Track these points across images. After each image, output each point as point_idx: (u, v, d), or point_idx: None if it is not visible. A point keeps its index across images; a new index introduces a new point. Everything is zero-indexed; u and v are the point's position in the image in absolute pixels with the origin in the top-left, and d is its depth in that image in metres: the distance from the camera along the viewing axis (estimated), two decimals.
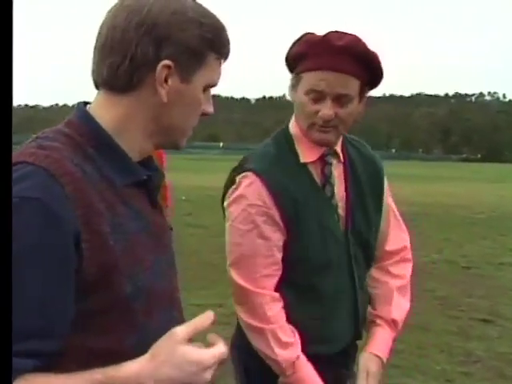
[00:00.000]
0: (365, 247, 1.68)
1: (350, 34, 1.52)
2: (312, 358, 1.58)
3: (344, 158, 1.65)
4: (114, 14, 0.98)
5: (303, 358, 1.56)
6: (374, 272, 1.77)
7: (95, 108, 1.01)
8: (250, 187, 1.54)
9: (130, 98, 0.99)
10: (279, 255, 1.57)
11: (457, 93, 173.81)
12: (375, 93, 1.70)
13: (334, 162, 1.63)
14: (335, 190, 1.62)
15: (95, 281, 0.91)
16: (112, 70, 0.97)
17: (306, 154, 1.60)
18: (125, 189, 0.99)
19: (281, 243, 1.56)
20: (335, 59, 1.48)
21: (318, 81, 1.50)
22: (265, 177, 1.54)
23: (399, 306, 1.74)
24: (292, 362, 1.55)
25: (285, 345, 1.55)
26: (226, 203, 1.60)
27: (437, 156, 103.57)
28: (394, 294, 1.74)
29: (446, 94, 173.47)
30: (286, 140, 1.62)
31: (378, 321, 1.72)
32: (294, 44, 1.57)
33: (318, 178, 1.61)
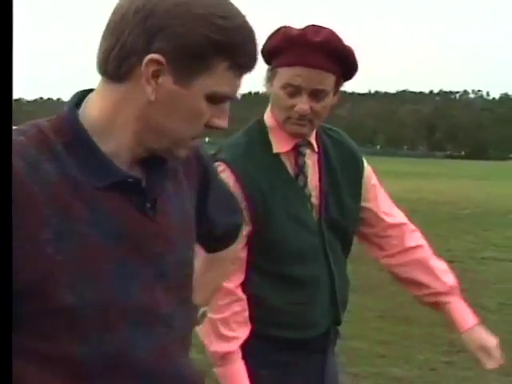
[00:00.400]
0: (341, 235, 1.69)
1: (326, 29, 1.53)
2: (290, 342, 1.60)
3: (318, 147, 1.66)
4: None
5: (237, 355, 1.56)
6: (399, 258, 1.75)
7: (93, 94, 0.94)
8: (222, 175, 1.50)
9: (119, 88, 0.90)
10: (243, 249, 1.55)
11: (441, 90, 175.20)
12: (361, 89, 1.75)
13: (308, 152, 1.64)
14: (308, 180, 1.63)
15: (30, 288, 0.85)
16: (105, 54, 0.90)
17: (279, 145, 1.61)
18: (97, 191, 0.90)
19: (244, 233, 1.50)
20: (312, 55, 1.49)
21: (295, 76, 1.51)
22: (233, 166, 1.55)
23: (443, 272, 1.75)
24: (221, 356, 1.56)
25: (221, 337, 1.55)
26: None
27: (422, 153, 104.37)
28: (433, 265, 1.75)
29: (431, 92, 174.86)
30: (259, 131, 1.64)
31: (442, 298, 1.73)
32: (271, 37, 1.56)
33: (291, 169, 1.62)
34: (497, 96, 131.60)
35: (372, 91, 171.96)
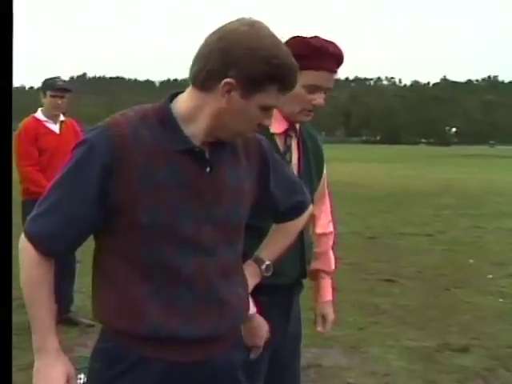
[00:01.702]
0: None
1: (332, 41, 1.93)
2: (264, 288, 1.81)
3: (299, 132, 2.03)
4: (213, 35, 1.35)
5: None
6: (318, 229, 2.16)
7: (184, 95, 1.40)
8: None
9: (203, 95, 1.35)
10: None
11: (356, 77, 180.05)
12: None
13: (293, 135, 2.00)
14: (292, 158, 1.99)
15: (120, 205, 1.32)
16: (196, 72, 1.35)
17: (275, 126, 1.88)
18: (174, 153, 1.34)
19: None
20: (332, 63, 1.91)
21: (320, 79, 1.91)
22: None
23: (332, 259, 2.23)
24: None
25: None
26: None
27: (339, 138, 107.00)
28: (330, 250, 2.22)
29: (347, 78, 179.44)
30: None
31: (322, 274, 2.18)
32: (292, 44, 1.73)
33: (280, 146, 1.96)
34: (408, 83, 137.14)
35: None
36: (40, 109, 4.42)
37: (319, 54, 1.89)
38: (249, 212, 1.50)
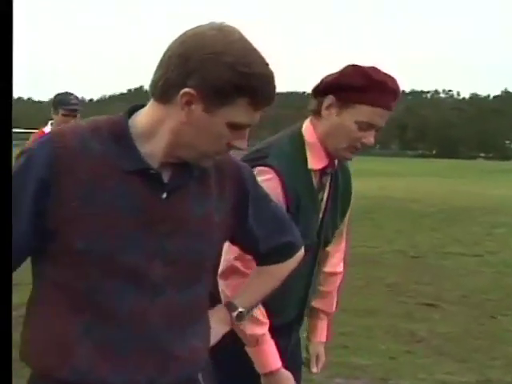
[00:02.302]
0: (325, 244, 1.90)
1: (391, 76, 1.73)
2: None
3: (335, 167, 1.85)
4: (176, 39, 1.16)
5: (268, 336, 1.73)
6: (327, 268, 2.01)
7: (145, 109, 1.21)
8: (270, 182, 1.65)
9: (162, 108, 1.16)
10: None
11: (413, 90, 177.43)
12: None
13: (330, 172, 1.83)
14: (324, 196, 1.83)
15: (56, 226, 1.13)
16: (154, 82, 1.17)
17: (314, 162, 1.77)
18: (126, 174, 1.15)
19: None
20: (391, 100, 1.70)
21: (375, 116, 1.70)
22: (283, 177, 1.68)
23: (335, 300, 2.08)
24: (257, 338, 1.71)
25: (256, 322, 1.69)
26: None
27: (393, 151, 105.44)
28: (335, 291, 2.06)
29: (403, 91, 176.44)
30: (300, 143, 1.78)
31: (322, 314, 2.04)
32: (347, 74, 1.71)
33: (315, 183, 1.79)
34: (467, 96, 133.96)
35: None
36: (50, 123, 4.31)
37: (379, 89, 1.68)
38: (220, 249, 1.37)
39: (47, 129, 4.28)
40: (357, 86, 1.68)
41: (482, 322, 5.22)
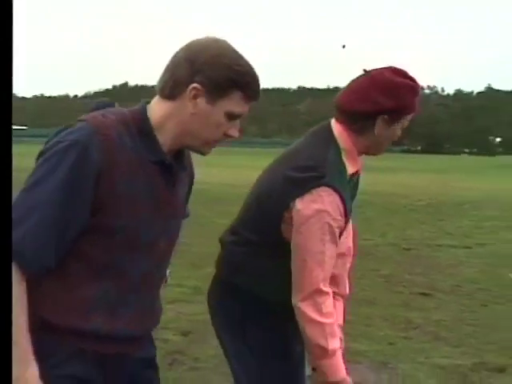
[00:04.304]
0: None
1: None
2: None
3: None
4: (180, 50, 1.42)
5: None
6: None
7: (152, 105, 1.44)
8: (334, 201, 1.77)
9: (171, 103, 1.40)
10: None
11: None
12: (320, 85, 2.06)
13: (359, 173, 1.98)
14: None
15: (99, 207, 1.33)
16: (163, 83, 1.41)
17: (351, 167, 1.88)
18: (150, 163, 1.39)
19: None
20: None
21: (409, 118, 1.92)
22: (340, 193, 1.79)
23: (347, 284, 2.16)
24: (336, 350, 1.82)
25: (334, 336, 1.82)
26: (302, 211, 1.78)
27: None
28: (346, 274, 2.13)
29: None
30: (339, 152, 1.88)
31: (337, 296, 2.09)
32: (399, 97, 1.84)
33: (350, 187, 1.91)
34: (451, 92, 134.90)
35: (331, 87, 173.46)
36: None
37: (418, 99, 1.89)
38: None
39: None
40: (409, 103, 1.87)
41: (474, 310, 5.44)
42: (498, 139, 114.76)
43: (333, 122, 1.92)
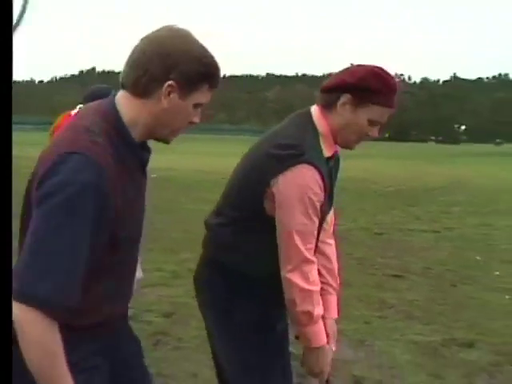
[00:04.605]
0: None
1: (394, 76, 1.94)
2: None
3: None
4: (146, 41, 1.42)
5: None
6: (325, 248, 2.17)
7: (120, 101, 1.44)
8: (313, 177, 1.85)
9: (145, 101, 1.42)
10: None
11: None
12: (288, 72, 2.11)
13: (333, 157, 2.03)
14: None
15: (106, 224, 1.34)
16: (135, 79, 1.41)
17: (327, 150, 1.96)
18: (131, 164, 1.44)
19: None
20: (395, 100, 1.93)
21: (384, 115, 1.93)
22: (319, 169, 1.86)
23: (336, 274, 2.22)
24: (319, 317, 1.91)
25: (319, 303, 1.91)
26: (283, 186, 1.85)
27: None
28: (336, 266, 2.20)
29: None
30: (318, 136, 1.95)
31: (331, 290, 2.18)
32: (366, 78, 1.87)
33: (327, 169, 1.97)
34: (418, 80, 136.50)
35: (299, 74, 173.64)
36: (78, 107, 4.29)
37: (392, 93, 1.91)
38: None
39: (76, 112, 4.06)
40: (373, 88, 1.87)
41: (443, 290, 5.67)
42: (463, 127, 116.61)
43: (314, 106, 2.00)
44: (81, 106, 4.27)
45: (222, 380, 2.12)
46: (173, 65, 1.39)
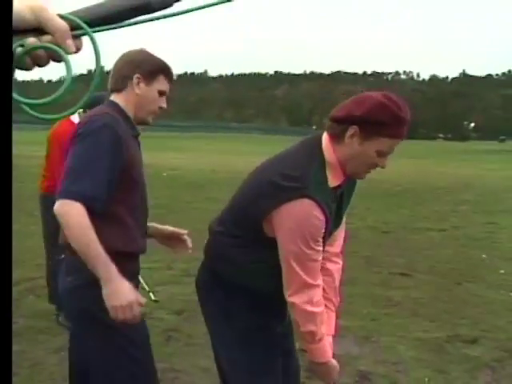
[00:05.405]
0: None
1: (405, 105, 1.88)
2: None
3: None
4: (117, 60, 2.17)
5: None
6: (330, 266, 2.19)
7: (114, 98, 2.15)
8: (316, 213, 1.85)
9: (124, 93, 2.14)
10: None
11: (374, 71, 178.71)
12: (296, 70, 2.15)
13: (343, 186, 2.01)
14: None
15: (129, 165, 2.05)
16: (114, 82, 2.16)
17: (333, 180, 1.93)
18: (130, 133, 2.12)
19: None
20: (406, 131, 1.89)
21: (393, 146, 1.90)
22: (322, 206, 1.86)
23: (337, 293, 2.25)
24: (323, 335, 2.01)
25: (323, 323, 1.99)
26: (284, 218, 1.86)
27: None
28: (338, 284, 2.24)
29: (364, 73, 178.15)
30: (323, 163, 1.93)
31: (331, 305, 2.19)
32: (376, 112, 1.84)
33: (334, 198, 1.97)
34: (426, 77, 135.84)
35: (307, 72, 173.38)
36: (78, 112, 4.36)
37: (400, 124, 1.87)
38: None
39: (75, 117, 4.27)
40: (381, 121, 1.84)
41: (449, 288, 5.75)
42: (472, 124, 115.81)
43: (324, 134, 1.98)
44: (80, 111, 4.39)
45: (225, 382, 2.20)
46: (137, 65, 2.11)
